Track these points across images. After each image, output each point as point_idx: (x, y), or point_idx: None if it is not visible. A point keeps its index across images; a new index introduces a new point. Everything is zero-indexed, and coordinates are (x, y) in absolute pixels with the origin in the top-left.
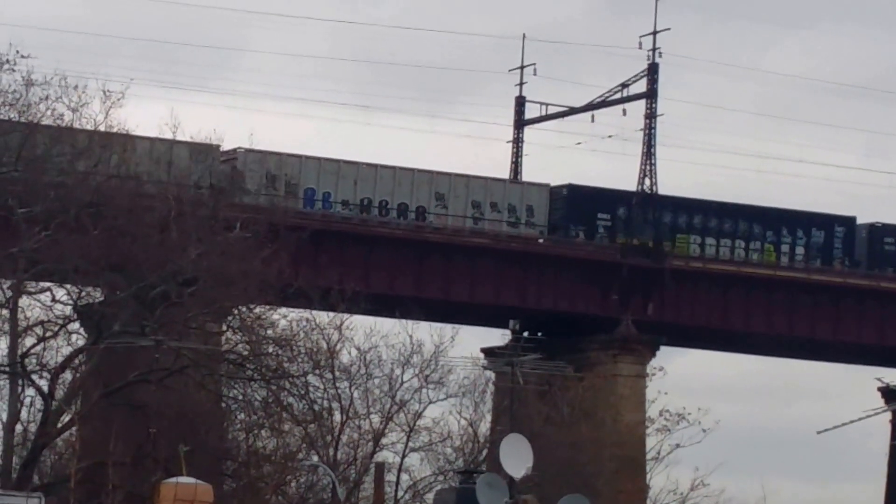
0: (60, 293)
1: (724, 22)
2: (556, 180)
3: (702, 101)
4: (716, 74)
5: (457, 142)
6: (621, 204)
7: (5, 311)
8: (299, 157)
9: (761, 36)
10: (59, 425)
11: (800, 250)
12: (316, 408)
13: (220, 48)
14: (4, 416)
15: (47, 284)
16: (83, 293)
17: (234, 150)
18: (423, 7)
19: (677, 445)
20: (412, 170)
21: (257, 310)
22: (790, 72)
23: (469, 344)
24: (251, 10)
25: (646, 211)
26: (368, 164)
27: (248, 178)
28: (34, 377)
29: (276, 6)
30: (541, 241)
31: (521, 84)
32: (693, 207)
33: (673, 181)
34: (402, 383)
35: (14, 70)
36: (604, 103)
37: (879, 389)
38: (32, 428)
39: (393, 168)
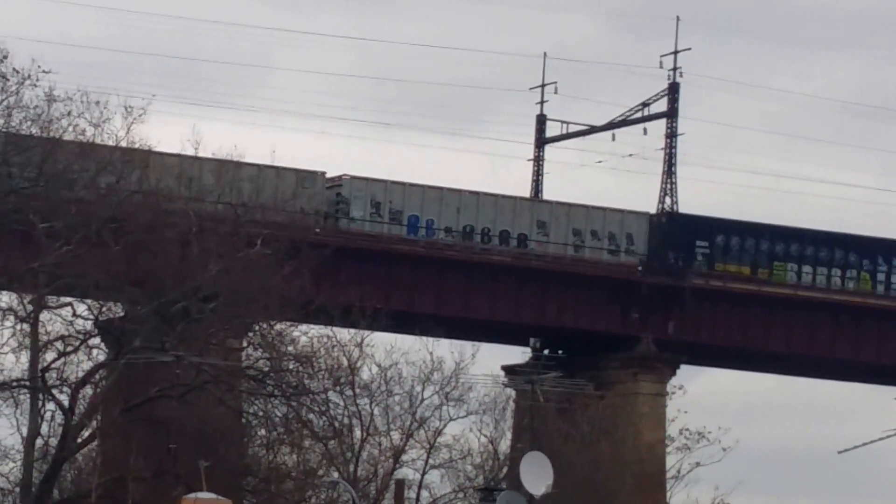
0: (81, 308)
1: (744, 42)
2: (575, 199)
3: (722, 120)
4: (736, 94)
5: (478, 159)
6: (719, 231)
7: (26, 326)
8: (403, 184)
9: (782, 56)
10: (80, 440)
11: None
12: (336, 424)
13: (242, 65)
14: (25, 431)
15: (68, 299)
16: (104, 308)
17: (340, 177)
18: (445, 25)
19: (697, 464)
20: (514, 198)
21: (278, 326)
22: (809, 91)
23: (489, 361)
24: (274, 27)
25: (744, 239)
26: (471, 192)
27: (353, 204)
28: (55, 392)
29: (298, 24)
30: (639, 268)
31: (542, 102)
32: (789, 236)
33: (693, 200)
34: (423, 400)
35: (36, 86)
36: (624, 122)
37: None
38: (53, 442)
39: (495, 196)
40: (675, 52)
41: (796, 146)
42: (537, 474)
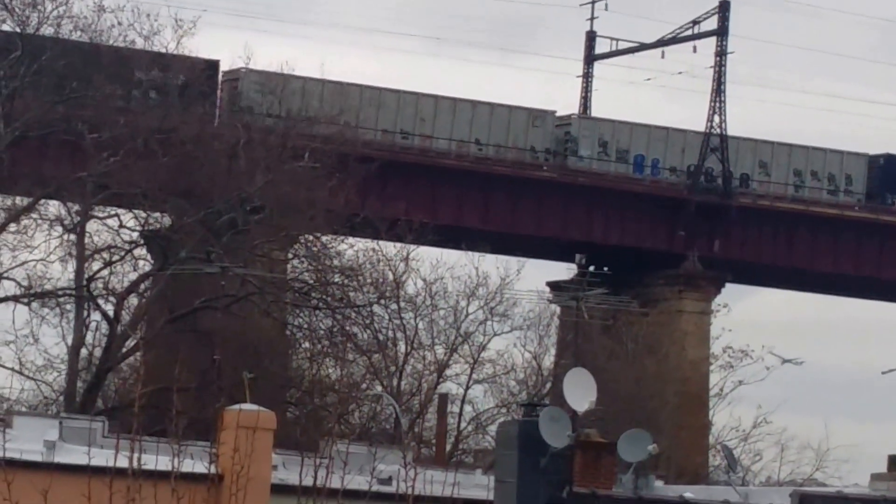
0: (127, 218)
1: None
2: (624, 116)
3: (772, 38)
4: (788, 13)
5: (527, 75)
6: None
7: (72, 236)
8: (630, 123)
9: None
10: (124, 350)
11: None
12: (380, 338)
13: None
14: (70, 340)
15: (114, 210)
16: (150, 219)
17: (569, 117)
18: None
19: (740, 382)
20: (737, 138)
21: (324, 238)
22: (866, 12)
23: (535, 277)
24: None
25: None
26: (695, 132)
27: (581, 143)
28: (100, 301)
29: None
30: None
31: (592, 19)
32: None
33: (742, 120)
34: (467, 315)
35: None
36: (674, 40)
37: None
38: (97, 353)
39: (718, 136)
40: None
41: (847, 66)
42: (581, 391)
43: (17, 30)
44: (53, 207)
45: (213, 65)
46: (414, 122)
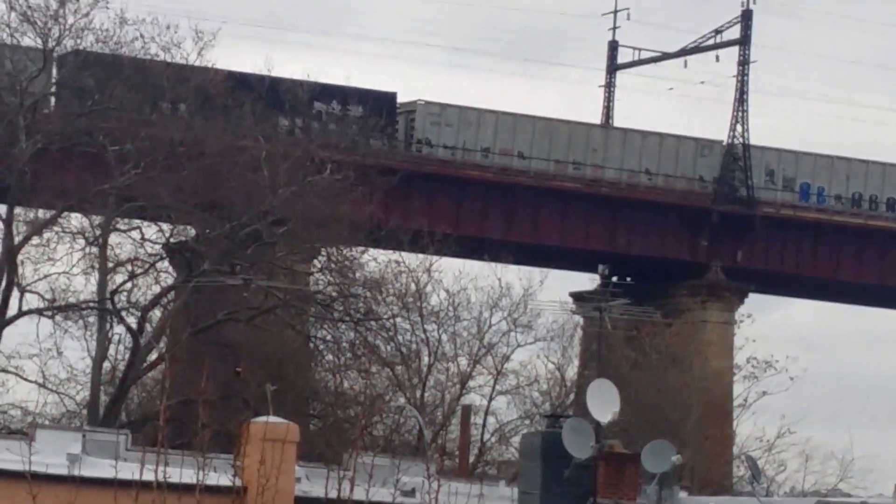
0: (150, 231)
1: None
2: (646, 126)
3: (796, 48)
4: (811, 21)
5: (548, 85)
6: None
7: (95, 249)
8: (795, 152)
9: None
10: (148, 363)
11: None
12: (404, 350)
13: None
14: (93, 353)
15: (137, 222)
16: (174, 231)
17: (735, 146)
18: None
19: (764, 393)
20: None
21: (347, 251)
22: (889, 21)
23: (558, 288)
24: None
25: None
26: (860, 160)
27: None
28: (123, 314)
29: None
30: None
31: (614, 28)
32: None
33: (765, 129)
34: (491, 326)
35: (108, 8)
36: (697, 49)
37: None
38: (120, 365)
39: (882, 164)
40: None
41: (869, 76)
42: (604, 401)
43: (39, 42)
44: (76, 220)
45: (390, 97)
46: (585, 152)
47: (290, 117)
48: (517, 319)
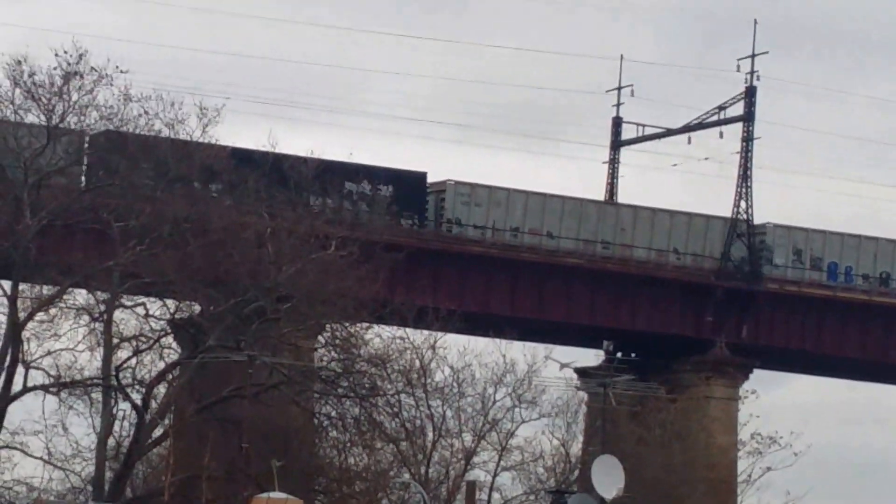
0: (154, 307)
1: (823, 46)
2: (650, 202)
3: (800, 125)
4: (815, 99)
5: (552, 161)
6: None
7: (99, 325)
8: (823, 232)
9: (862, 61)
10: (152, 439)
11: None
12: (408, 426)
13: (317, 65)
14: (98, 429)
15: (142, 298)
16: (179, 307)
17: (764, 226)
18: (521, 27)
19: (768, 469)
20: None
21: (351, 328)
22: (891, 98)
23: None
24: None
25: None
26: (888, 240)
27: (776, 252)
28: (128, 390)
29: (367, 25)
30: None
31: (618, 105)
32: None
33: (769, 206)
34: (495, 402)
35: (112, 85)
36: (700, 125)
37: None
38: (125, 441)
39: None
40: (753, 56)
41: (875, 153)
42: (609, 477)
43: (43, 119)
44: (80, 296)
45: (419, 176)
46: (614, 232)
47: (320, 198)
48: (522, 395)
